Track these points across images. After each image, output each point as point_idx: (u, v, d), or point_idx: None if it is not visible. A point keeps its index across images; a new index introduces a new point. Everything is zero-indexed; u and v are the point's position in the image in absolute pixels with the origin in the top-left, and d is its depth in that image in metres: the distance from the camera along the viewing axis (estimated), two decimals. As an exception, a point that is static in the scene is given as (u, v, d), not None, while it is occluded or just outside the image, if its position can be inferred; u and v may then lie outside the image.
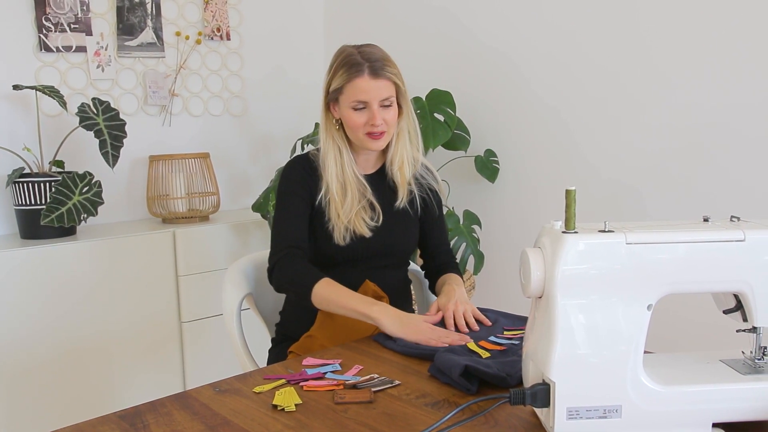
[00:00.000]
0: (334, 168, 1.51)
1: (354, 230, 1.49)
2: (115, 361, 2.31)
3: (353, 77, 1.44)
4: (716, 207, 2.01)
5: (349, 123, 1.47)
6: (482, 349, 1.20)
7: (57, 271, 2.18)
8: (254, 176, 3.11)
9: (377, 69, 1.44)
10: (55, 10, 2.48)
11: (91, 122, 2.27)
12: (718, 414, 0.86)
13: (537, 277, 0.87)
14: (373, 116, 1.44)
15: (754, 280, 0.86)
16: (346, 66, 1.46)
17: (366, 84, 1.43)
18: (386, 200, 1.57)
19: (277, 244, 1.49)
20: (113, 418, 0.97)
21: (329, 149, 1.52)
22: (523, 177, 2.54)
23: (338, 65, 1.48)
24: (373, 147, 1.49)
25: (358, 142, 1.50)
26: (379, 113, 1.44)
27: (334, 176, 1.50)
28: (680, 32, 2.05)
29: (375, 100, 1.44)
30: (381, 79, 1.45)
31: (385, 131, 1.48)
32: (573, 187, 0.87)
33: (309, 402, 1.02)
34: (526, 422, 0.93)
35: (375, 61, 1.45)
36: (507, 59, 2.54)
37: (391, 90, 1.47)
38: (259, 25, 3.09)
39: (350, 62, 1.45)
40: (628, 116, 2.20)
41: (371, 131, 1.46)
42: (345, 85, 1.45)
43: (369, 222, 1.51)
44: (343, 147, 1.52)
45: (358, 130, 1.47)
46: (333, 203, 1.50)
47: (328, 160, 1.51)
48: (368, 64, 1.44)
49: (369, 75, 1.44)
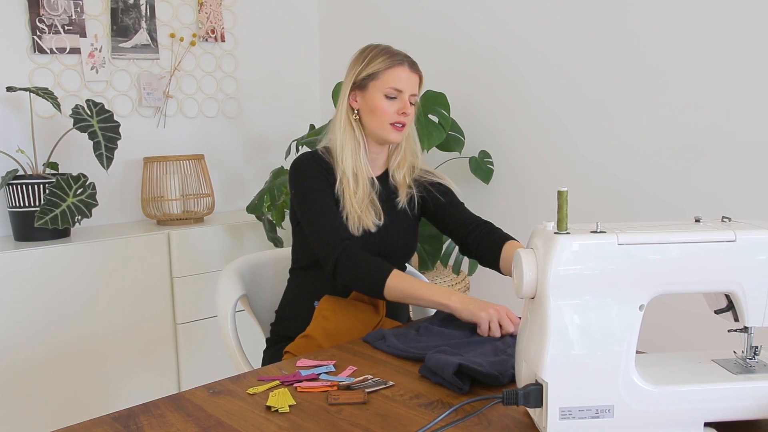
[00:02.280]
0: (351, 160, 1.53)
1: (363, 225, 1.50)
2: (109, 363, 2.31)
3: (394, 65, 1.51)
4: (707, 208, 2.02)
5: (378, 110, 1.51)
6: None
7: (51, 273, 2.17)
8: (249, 178, 3.11)
9: (414, 64, 1.55)
10: (48, 11, 2.47)
11: (85, 124, 2.27)
12: (710, 413, 0.86)
13: (529, 278, 0.87)
14: (405, 105, 1.51)
15: (745, 280, 0.87)
16: (386, 54, 1.53)
17: (405, 74, 1.52)
18: (387, 202, 1.58)
19: (329, 240, 1.45)
20: (106, 420, 0.97)
21: (347, 140, 1.54)
22: (517, 178, 2.55)
23: (376, 53, 1.53)
24: (393, 138, 1.53)
25: (381, 131, 1.52)
26: (408, 106, 1.52)
27: (351, 167, 1.52)
28: (674, 32, 2.05)
29: (408, 91, 1.52)
30: (416, 74, 1.55)
31: (406, 125, 1.53)
32: (565, 188, 0.87)
33: (303, 403, 1.02)
34: (519, 422, 0.93)
35: (411, 59, 1.56)
36: (501, 61, 2.55)
37: (418, 89, 1.57)
38: (254, 27, 3.09)
39: (391, 52, 1.54)
40: (622, 117, 2.21)
41: (398, 121, 1.51)
42: (384, 71, 1.51)
43: (375, 219, 1.53)
44: (362, 140, 1.55)
45: (385, 118, 1.51)
46: (347, 192, 1.51)
47: (345, 151, 1.53)
48: (407, 59, 1.55)
49: (409, 67, 1.53)
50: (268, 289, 1.78)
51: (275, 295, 1.73)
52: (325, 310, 1.48)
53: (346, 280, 1.44)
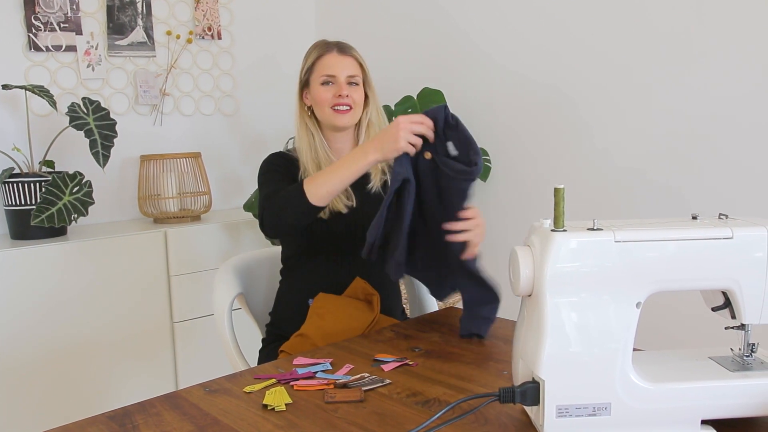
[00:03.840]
0: (309, 152, 1.59)
1: (332, 207, 1.53)
2: (105, 362, 2.31)
3: (323, 53, 1.58)
4: (704, 205, 2.02)
5: (318, 99, 1.57)
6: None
7: (47, 271, 2.17)
8: (246, 176, 3.11)
9: (344, 48, 1.60)
10: (44, 9, 2.46)
11: (81, 122, 2.26)
12: (707, 411, 0.86)
13: (526, 276, 0.87)
14: (340, 87, 1.55)
15: (741, 277, 0.87)
16: (317, 47, 1.61)
17: (334, 59, 1.57)
18: (360, 186, 1.59)
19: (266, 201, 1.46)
20: (102, 419, 0.97)
21: (303, 135, 1.61)
22: (514, 176, 2.55)
23: (311, 49, 1.62)
24: (339, 122, 1.56)
25: (326, 118, 1.58)
26: (345, 87, 1.55)
27: (309, 158, 1.58)
28: (669, 33, 2.05)
29: (342, 74, 1.56)
30: (347, 56, 1.58)
31: (352, 107, 1.57)
32: (561, 186, 0.87)
33: (299, 401, 1.02)
34: (516, 420, 0.93)
35: (343, 43, 1.61)
36: (499, 58, 2.54)
37: (357, 69, 1.59)
38: (251, 24, 3.08)
39: (321, 44, 1.61)
40: (618, 115, 2.21)
41: (337, 103, 1.55)
42: (315, 61, 1.58)
43: (345, 200, 1.56)
44: (315, 132, 1.61)
45: (325, 105, 1.56)
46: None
47: (302, 145, 1.60)
48: (337, 45, 1.60)
49: (337, 51, 1.58)
50: (264, 287, 1.78)
51: (272, 293, 1.72)
52: (319, 309, 1.48)
53: (270, 222, 1.43)
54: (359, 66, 1.60)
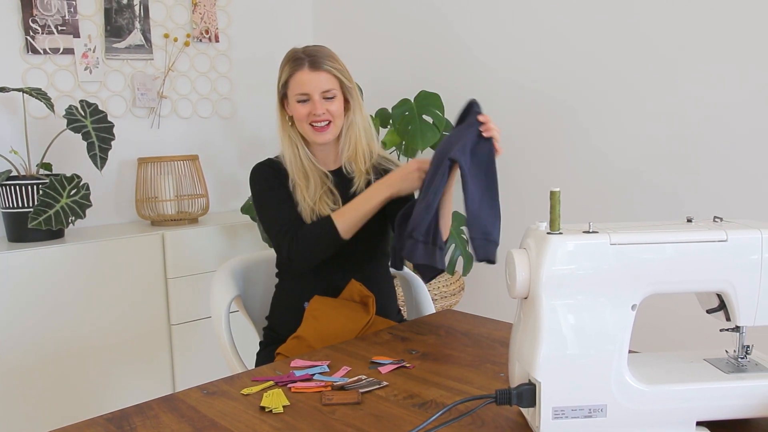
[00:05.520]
0: (294, 160, 1.59)
1: (319, 212, 1.54)
2: (103, 364, 2.30)
3: (295, 71, 1.54)
4: (699, 207, 2.03)
5: (296, 115, 1.56)
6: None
7: (45, 274, 2.17)
8: (243, 178, 3.11)
9: (316, 62, 1.53)
10: (42, 11, 2.47)
11: (78, 124, 2.27)
12: (702, 412, 0.87)
13: (522, 278, 0.87)
14: (315, 106, 1.53)
15: (736, 279, 0.87)
16: (289, 62, 1.56)
17: (306, 76, 1.53)
18: (346, 190, 1.60)
19: (279, 229, 1.51)
20: (100, 421, 0.97)
21: (286, 145, 1.61)
22: (510, 179, 2.55)
23: (283, 62, 1.58)
24: (318, 139, 1.56)
25: (306, 135, 1.58)
26: (321, 104, 1.53)
27: (294, 168, 1.58)
28: (663, 37, 2.06)
29: (316, 91, 1.53)
30: (320, 71, 1.53)
31: (331, 122, 1.56)
32: (557, 189, 0.88)
33: (297, 404, 1.02)
34: (513, 422, 0.93)
35: (315, 56, 1.54)
36: (495, 62, 2.55)
37: (333, 83, 1.55)
38: (248, 27, 3.09)
39: (292, 58, 1.56)
40: (613, 119, 2.22)
41: (314, 121, 1.54)
42: (288, 79, 1.55)
43: (331, 204, 1.56)
44: (298, 141, 1.61)
45: (302, 122, 1.56)
46: (299, 188, 1.56)
47: (287, 155, 1.60)
48: (309, 59, 1.54)
49: (309, 68, 1.53)
50: (262, 289, 1.78)
51: (269, 295, 1.73)
52: (315, 311, 1.48)
53: (303, 258, 1.49)
54: (334, 77, 1.55)
